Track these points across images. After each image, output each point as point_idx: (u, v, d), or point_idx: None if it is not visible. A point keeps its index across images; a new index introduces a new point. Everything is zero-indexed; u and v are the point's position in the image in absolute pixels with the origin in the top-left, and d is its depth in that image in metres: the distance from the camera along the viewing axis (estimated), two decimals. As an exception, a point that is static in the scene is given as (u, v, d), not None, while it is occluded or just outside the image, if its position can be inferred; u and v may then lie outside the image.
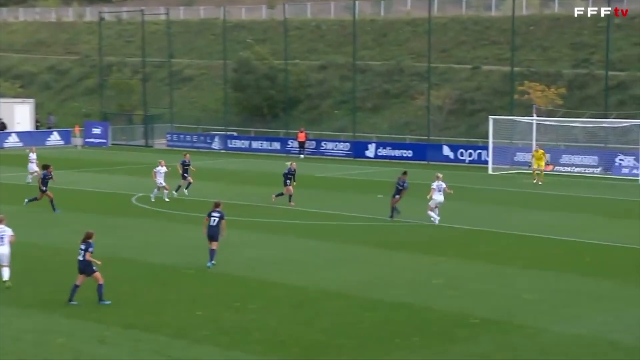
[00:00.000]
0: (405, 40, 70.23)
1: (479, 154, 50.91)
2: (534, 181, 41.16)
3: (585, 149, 47.27)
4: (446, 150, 52.70)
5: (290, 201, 34.53)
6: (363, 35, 69.77)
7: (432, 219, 30.20)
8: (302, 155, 57.40)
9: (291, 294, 21.11)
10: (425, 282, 22.21)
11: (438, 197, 30.16)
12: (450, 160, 51.91)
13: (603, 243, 27.36)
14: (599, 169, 45.97)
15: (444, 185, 30.08)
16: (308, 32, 76.54)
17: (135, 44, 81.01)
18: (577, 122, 47.44)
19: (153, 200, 35.45)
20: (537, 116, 48.58)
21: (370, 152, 55.69)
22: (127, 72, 77.52)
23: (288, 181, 34.82)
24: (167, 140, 65.36)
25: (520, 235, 28.76)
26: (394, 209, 31.37)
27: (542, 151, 42.24)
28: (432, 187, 30.16)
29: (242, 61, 67.91)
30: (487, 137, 48.37)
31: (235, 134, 64.07)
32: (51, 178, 33.88)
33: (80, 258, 19.85)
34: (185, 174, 37.04)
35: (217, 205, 24.13)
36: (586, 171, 45.96)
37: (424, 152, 53.43)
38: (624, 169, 45.73)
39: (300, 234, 29.21)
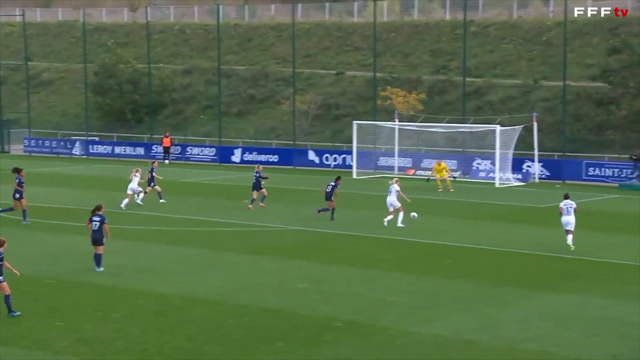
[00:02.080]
0: (270, 45, 70.47)
1: (344, 159, 51.61)
2: (440, 190, 41.66)
3: (445, 154, 48.59)
4: (312, 155, 53.16)
5: (251, 204, 35.25)
6: (228, 39, 69.59)
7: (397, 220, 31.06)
8: (167, 161, 56.69)
9: (156, 301, 20.83)
10: (290, 287, 22.32)
11: (389, 200, 31.31)
12: (316, 165, 52.40)
13: (462, 245, 28.19)
14: (458, 173, 47.37)
15: (397, 188, 31.29)
16: (172, 35, 75.71)
17: (-11, 45, 78.03)
18: (437, 127, 48.75)
19: (124, 207, 34.97)
20: (399, 121, 49.70)
21: (236, 157, 55.56)
22: (-19, 76, 74.55)
23: (260, 184, 35.57)
24: (25, 146, 63.32)
25: (384, 239, 29.27)
26: (324, 209, 32.79)
27: (444, 164, 43.18)
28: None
29: (103, 65, 66.44)
30: (351, 142, 49.09)
31: (97, 139, 62.66)
32: (23, 183, 31.81)
33: None
34: (152, 182, 36.93)
35: (97, 209, 23.99)
36: (446, 175, 47.10)
37: (290, 157, 53.73)
38: (481, 173, 47.30)
39: (166, 241, 28.85)
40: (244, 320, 19.22)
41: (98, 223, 23.65)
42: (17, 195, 31.64)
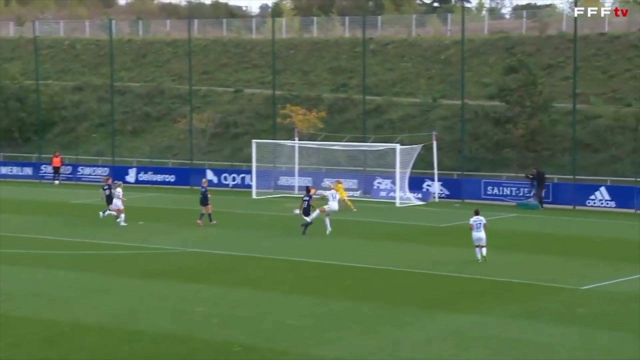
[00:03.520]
0: (166, 62, 69.36)
1: (243, 178, 50.92)
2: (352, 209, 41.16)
3: (346, 172, 48.44)
4: (210, 175, 52.14)
5: (200, 219, 35.83)
6: (121, 55, 68.15)
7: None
8: (57, 181, 54.98)
9: (43, 329, 19.84)
10: (188, 311, 21.60)
11: (333, 206, 33.83)
12: (214, 185, 51.27)
13: (363, 265, 27.86)
14: (358, 192, 47.23)
15: (338, 196, 34.64)
16: (61, 51, 73.77)
17: None
18: (338, 146, 48.59)
19: (125, 224, 35.81)
20: (299, 140, 49.34)
21: (130, 177, 54.17)
22: None
23: (207, 198, 35.79)
24: None
25: (284, 260, 28.79)
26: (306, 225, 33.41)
27: (340, 184, 42.63)
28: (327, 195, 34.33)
29: (-13, 81, 63.93)
30: (250, 161, 48.44)
31: (-19, 158, 60.30)
32: None
33: None
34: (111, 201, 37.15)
35: None
36: (347, 194, 46.92)
37: (187, 176, 52.69)
38: (381, 192, 47.21)
39: (54, 265, 27.69)
40: (139, 346, 18.46)
41: None
42: None
